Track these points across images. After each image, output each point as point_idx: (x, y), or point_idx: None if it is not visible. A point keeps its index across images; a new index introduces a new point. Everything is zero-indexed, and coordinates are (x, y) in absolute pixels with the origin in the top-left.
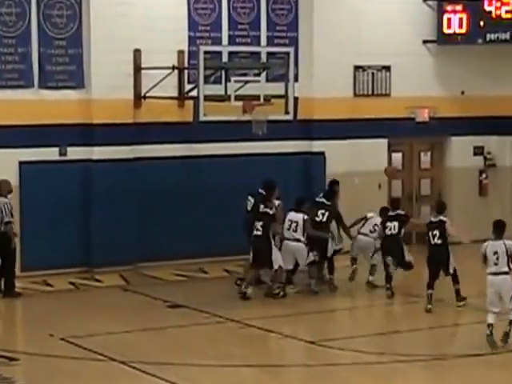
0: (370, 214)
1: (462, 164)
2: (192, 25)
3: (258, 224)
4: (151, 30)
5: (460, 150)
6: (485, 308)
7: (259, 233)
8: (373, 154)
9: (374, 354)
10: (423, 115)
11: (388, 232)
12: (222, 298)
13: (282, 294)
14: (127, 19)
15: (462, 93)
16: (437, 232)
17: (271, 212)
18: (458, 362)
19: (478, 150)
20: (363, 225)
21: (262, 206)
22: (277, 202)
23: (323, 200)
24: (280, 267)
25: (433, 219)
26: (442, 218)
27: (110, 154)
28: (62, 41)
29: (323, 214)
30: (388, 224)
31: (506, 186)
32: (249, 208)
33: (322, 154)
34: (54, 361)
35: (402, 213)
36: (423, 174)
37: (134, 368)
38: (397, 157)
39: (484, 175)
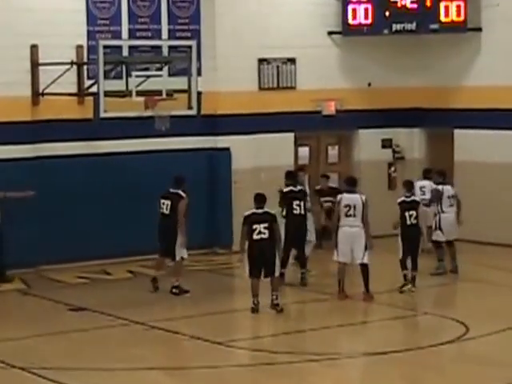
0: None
1: (371, 157)
2: (91, 19)
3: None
4: (48, 25)
5: (368, 143)
6: (394, 304)
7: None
8: (279, 148)
9: (284, 354)
10: (330, 108)
11: None
12: (126, 299)
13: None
14: (23, 13)
15: (369, 85)
16: (413, 212)
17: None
18: (367, 360)
19: (387, 143)
20: None
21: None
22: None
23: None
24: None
25: (406, 199)
26: (415, 198)
27: (8, 153)
28: None
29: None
30: None
31: (414, 178)
32: (166, 211)
33: (227, 149)
34: None
35: None
36: (331, 168)
37: (35, 374)
38: (304, 151)
39: (393, 168)
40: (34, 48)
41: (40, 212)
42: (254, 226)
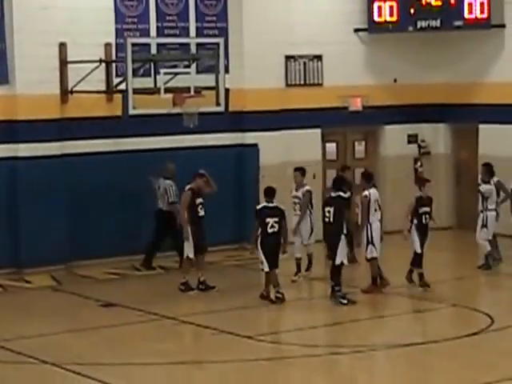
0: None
1: (397, 152)
2: (119, 16)
3: None
4: (77, 23)
5: (394, 139)
6: (422, 297)
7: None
8: (306, 144)
9: (312, 347)
10: (356, 104)
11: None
12: (156, 295)
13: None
14: (51, 11)
15: (395, 81)
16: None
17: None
18: (391, 352)
19: (412, 138)
20: None
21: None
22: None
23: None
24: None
25: (423, 195)
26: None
27: (36, 151)
28: None
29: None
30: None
31: (440, 173)
32: None
33: (255, 145)
34: None
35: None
36: (358, 164)
37: (67, 370)
38: (331, 147)
39: (419, 163)
40: (62, 46)
41: (68, 209)
42: (267, 220)
